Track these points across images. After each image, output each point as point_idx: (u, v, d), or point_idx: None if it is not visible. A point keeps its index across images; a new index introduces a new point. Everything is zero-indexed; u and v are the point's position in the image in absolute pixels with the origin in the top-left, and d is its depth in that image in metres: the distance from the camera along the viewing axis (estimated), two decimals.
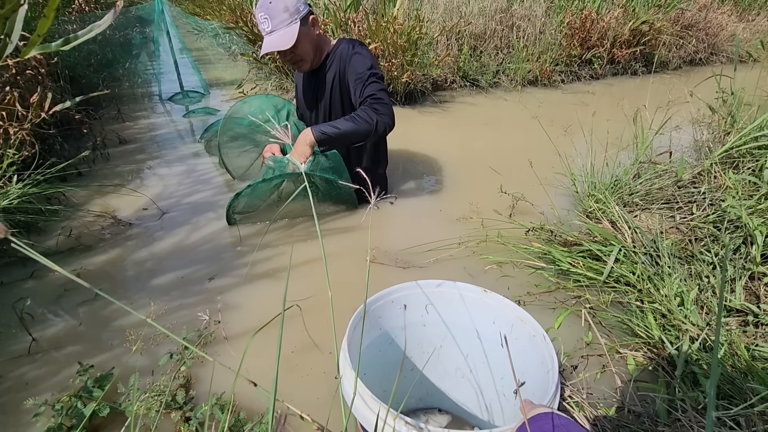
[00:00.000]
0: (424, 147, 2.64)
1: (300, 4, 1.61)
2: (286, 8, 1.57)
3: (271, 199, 1.75)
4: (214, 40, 6.27)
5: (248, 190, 1.60)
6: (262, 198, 1.72)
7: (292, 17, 1.58)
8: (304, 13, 1.62)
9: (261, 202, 1.74)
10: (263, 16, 1.58)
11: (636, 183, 1.79)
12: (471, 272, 1.51)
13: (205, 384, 1.08)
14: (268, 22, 1.58)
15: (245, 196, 1.64)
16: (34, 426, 0.97)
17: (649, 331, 1.18)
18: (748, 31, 5.86)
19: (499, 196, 1.85)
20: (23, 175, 1.75)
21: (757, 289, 1.24)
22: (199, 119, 3.16)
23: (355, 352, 0.77)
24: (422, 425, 0.62)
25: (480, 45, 4.18)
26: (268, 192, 1.70)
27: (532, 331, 0.82)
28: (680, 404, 0.95)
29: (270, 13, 1.57)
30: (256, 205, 1.75)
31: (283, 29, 1.59)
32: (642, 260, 1.36)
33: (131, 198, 1.97)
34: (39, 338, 1.21)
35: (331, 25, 3.40)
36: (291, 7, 1.58)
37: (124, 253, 1.60)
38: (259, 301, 1.38)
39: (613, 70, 4.72)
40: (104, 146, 2.46)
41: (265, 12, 1.57)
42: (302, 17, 1.61)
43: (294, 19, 1.59)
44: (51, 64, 2.36)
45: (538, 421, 0.58)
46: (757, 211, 1.41)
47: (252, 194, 1.65)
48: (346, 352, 0.75)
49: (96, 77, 3.29)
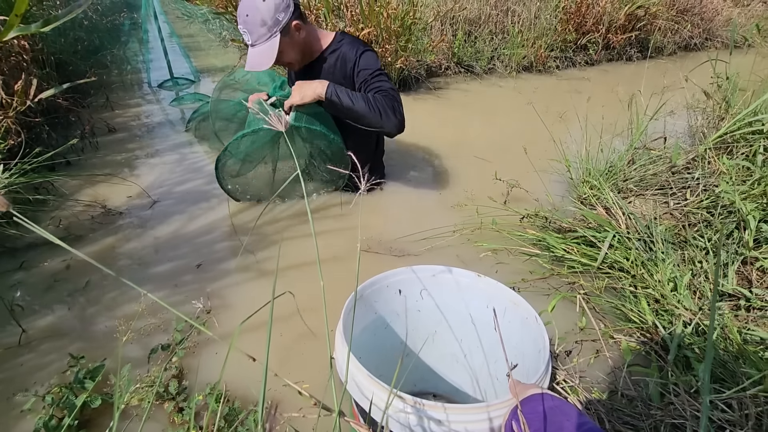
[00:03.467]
0: (419, 134, 2.61)
1: (279, 14, 1.46)
2: (263, 22, 1.45)
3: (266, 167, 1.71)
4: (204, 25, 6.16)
5: (234, 143, 1.54)
6: (254, 157, 1.66)
7: (270, 31, 1.46)
8: (284, 23, 1.48)
9: (254, 163, 1.69)
10: (242, 29, 1.48)
11: (630, 169, 1.79)
12: (465, 260, 1.51)
13: (199, 374, 1.07)
14: (248, 35, 1.48)
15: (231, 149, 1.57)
16: (24, 418, 0.96)
17: (642, 316, 1.18)
18: (744, 16, 5.84)
19: (494, 183, 1.84)
20: (9, 164, 1.71)
21: (750, 273, 1.25)
22: (189, 107, 3.10)
23: (349, 334, 0.76)
24: (416, 399, 0.63)
25: (475, 30, 4.13)
26: (259, 147, 1.64)
27: (525, 314, 0.83)
28: (673, 388, 0.96)
29: (248, 27, 1.47)
30: (249, 167, 1.70)
31: (262, 44, 1.48)
32: (636, 246, 1.36)
33: (121, 187, 1.94)
34: (29, 329, 1.20)
35: (324, 10, 3.34)
36: (269, 20, 1.45)
37: (115, 243, 1.58)
38: (252, 290, 1.37)
39: (609, 55, 4.69)
40: (93, 135, 2.42)
41: (243, 25, 1.47)
42: (282, 28, 1.48)
43: (273, 33, 1.47)
44: (36, 50, 2.30)
45: (530, 401, 0.58)
46: (750, 196, 1.41)
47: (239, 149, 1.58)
48: (341, 333, 0.75)
49: (83, 64, 3.21)
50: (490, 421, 0.61)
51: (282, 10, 1.47)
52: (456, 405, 0.62)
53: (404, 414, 0.63)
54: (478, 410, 0.62)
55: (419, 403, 0.62)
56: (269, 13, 1.44)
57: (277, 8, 1.45)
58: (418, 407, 0.62)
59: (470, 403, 0.63)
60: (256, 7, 1.44)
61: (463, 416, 0.62)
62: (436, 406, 0.62)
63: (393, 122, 1.49)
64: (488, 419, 0.61)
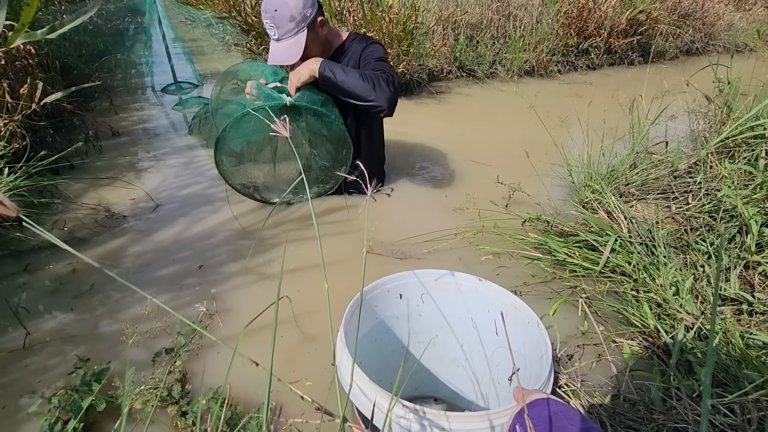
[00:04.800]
0: (421, 137, 2.62)
1: (307, 9, 1.50)
2: (292, 17, 1.47)
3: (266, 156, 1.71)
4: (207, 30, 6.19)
5: (233, 122, 1.54)
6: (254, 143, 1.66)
7: (298, 26, 1.49)
8: (311, 19, 1.52)
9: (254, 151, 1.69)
10: (269, 24, 1.50)
11: (632, 173, 1.79)
12: (467, 263, 1.51)
13: (203, 378, 1.08)
14: (275, 30, 1.51)
15: (231, 130, 1.57)
16: (30, 420, 0.96)
17: (644, 320, 1.18)
18: (745, 21, 5.84)
19: (496, 187, 1.84)
20: (14, 167, 1.72)
21: (752, 277, 1.25)
22: (192, 110, 3.12)
23: (351, 340, 0.77)
24: (417, 407, 0.63)
25: (476, 35, 4.14)
26: (258, 133, 1.63)
27: (527, 318, 0.83)
28: (675, 392, 0.96)
29: (276, 23, 1.49)
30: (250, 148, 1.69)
31: (289, 39, 1.51)
32: (638, 250, 1.36)
33: (125, 190, 1.95)
34: (34, 332, 1.20)
35: (326, 14, 3.36)
36: (297, 15, 1.48)
37: (118, 246, 1.59)
38: (255, 293, 1.38)
39: (610, 59, 4.70)
40: (97, 138, 2.43)
41: (270, 20, 1.49)
42: (309, 23, 1.52)
43: (301, 28, 1.50)
44: (41, 54, 2.32)
45: (535, 406, 0.58)
46: (752, 200, 1.42)
47: (238, 131, 1.58)
48: (343, 340, 0.75)
49: (88, 68, 3.24)
50: (492, 429, 0.61)
51: (309, 6, 1.51)
52: (458, 413, 0.62)
53: (406, 421, 0.63)
54: (481, 418, 0.62)
55: (421, 411, 0.62)
56: (297, 8, 1.48)
57: (305, 4, 1.50)
58: (420, 415, 0.62)
59: (472, 411, 0.63)
60: (285, 3, 1.47)
61: (466, 424, 0.62)
62: (438, 414, 0.62)
63: (386, 94, 1.49)
64: (490, 427, 0.61)
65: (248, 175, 1.78)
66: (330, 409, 0.50)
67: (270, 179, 1.83)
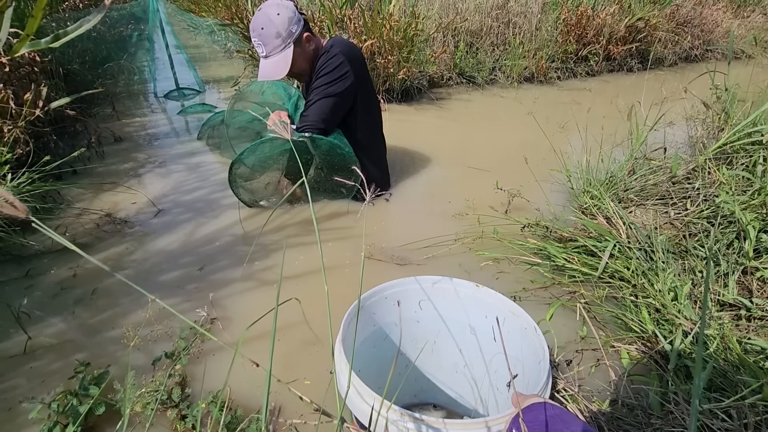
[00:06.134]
0: (421, 144, 2.64)
1: (292, 26, 1.55)
2: (278, 34, 1.52)
3: (275, 168, 1.78)
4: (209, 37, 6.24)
5: (251, 148, 1.61)
6: (265, 162, 1.73)
7: (284, 42, 1.54)
8: (297, 35, 1.56)
9: (264, 167, 1.75)
10: (257, 42, 1.55)
11: (631, 179, 1.80)
12: (467, 268, 1.52)
13: (203, 381, 1.08)
14: (262, 47, 1.55)
15: (248, 156, 1.64)
16: (29, 424, 0.97)
17: (643, 326, 1.18)
18: (743, 28, 5.88)
19: (495, 193, 1.85)
20: (17, 173, 1.74)
21: (750, 283, 1.25)
22: (194, 116, 3.14)
23: (349, 348, 0.77)
24: (416, 414, 0.63)
25: (476, 42, 4.18)
26: (271, 155, 1.70)
27: (524, 324, 0.83)
28: (673, 397, 0.96)
29: (263, 40, 1.53)
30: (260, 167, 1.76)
31: (276, 55, 1.56)
32: (636, 255, 1.37)
33: (127, 196, 1.96)
34: (35, 337, 1.21)
35: (327, 22, 3.39)
36: (283, 32, 1.53)
37: (120, 252, 1.60)
38: (255, 297, 1.39)
39: (609, 66, 4.73)
40: (99, 144, 2.45)
41: (258, 38, 1.54)
42: (296, 39, 1.56)
43: (287, 44, 1.55)
44: (45, 61, 2.34)
45: (532, 410, 0.58)
46: (750, 206, 1.42)
47: (254, 155, 1.65)
48: (341, 348, 0.75)
49: (91, 75, 3.27)
50: None
51: (295, 23, 1.56)
52: (455, 420, 0.63)
53: (404, 428, 0.63)
54: (478, 425, 0.62)
55: (419, 419, 0.63)
56: (283, 25, 1.52)
57: (290, 21, 1.54)
58: (418, 422, 0.63)
59: (470, 418, 0.64)
60: (270, 21, 1.51)
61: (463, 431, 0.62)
62: (436, 422, 0.62)
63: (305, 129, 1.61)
64: None
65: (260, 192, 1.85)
66: (329, 411, 0.51)
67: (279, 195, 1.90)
